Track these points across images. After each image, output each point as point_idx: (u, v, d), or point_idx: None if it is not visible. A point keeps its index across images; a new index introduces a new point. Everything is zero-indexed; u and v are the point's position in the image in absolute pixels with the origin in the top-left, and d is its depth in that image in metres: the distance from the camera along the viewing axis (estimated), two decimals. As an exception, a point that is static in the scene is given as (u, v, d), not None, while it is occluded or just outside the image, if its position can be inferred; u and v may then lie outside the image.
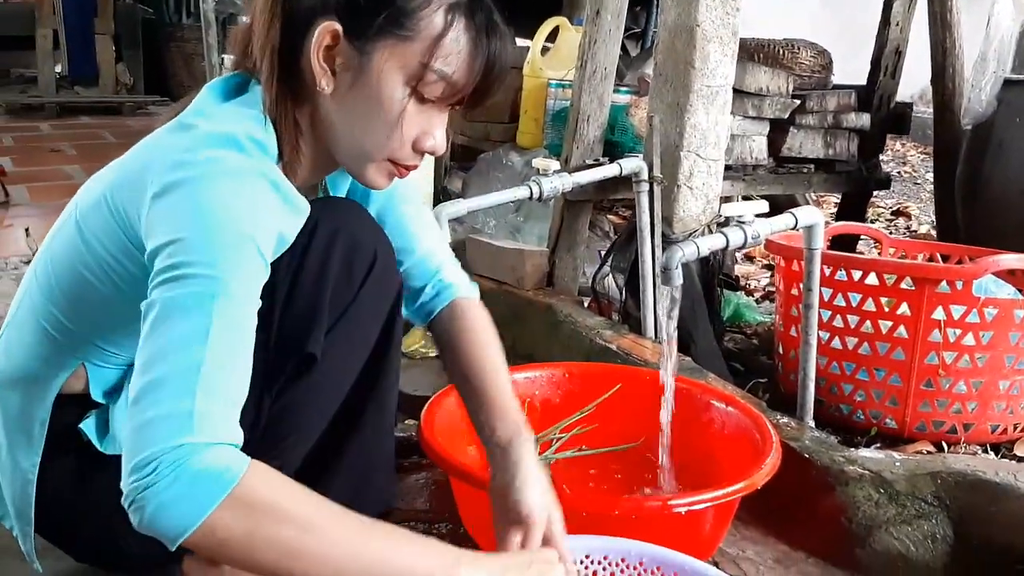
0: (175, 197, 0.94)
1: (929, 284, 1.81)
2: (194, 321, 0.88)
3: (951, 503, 1.44)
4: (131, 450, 0.84)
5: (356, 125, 1.04)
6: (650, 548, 1.16)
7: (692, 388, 1.65)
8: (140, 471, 0.83)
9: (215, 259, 0.91)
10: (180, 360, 0.87)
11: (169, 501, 0.82)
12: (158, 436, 0.84)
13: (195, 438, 0.84)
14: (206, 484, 0.83)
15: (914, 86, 4.84)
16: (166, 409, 0.85)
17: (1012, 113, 2.42)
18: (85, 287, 1.09)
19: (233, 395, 0.90)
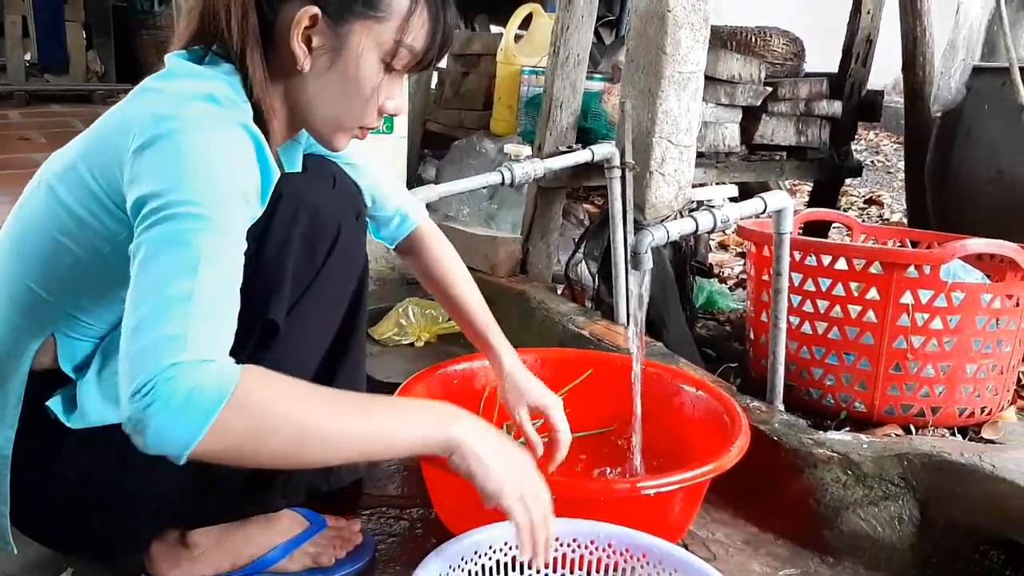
0: (160, 147, 0.96)
1: (897, 269, 1.83)
2: (183, 254, 0.91)
3: (917, 484, 1.46)
4: (128, 378, 0.87)
5: (333, 100, 1.11)
6: (619, 530, 1.17)
7: (662, 373, 1.66)
8: (137, 395, 0.85)
9: (202, 197, 0.93)
10: (171, 291, 0.89)
11: (170, 417, 0.84)
12: (152, 360, 0.86)
13: (189, 356, 0.86)
14: (205, 394, 0.85)
15: (887, 75, 4.87)
16: (158, 335, 0.87)
17: (981, 100, 2.44)
18: (61, 252, 1.08)
19: (224, 322, 0.92)
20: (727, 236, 3.84)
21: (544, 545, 1.05)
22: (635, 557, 1.15)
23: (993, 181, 2.38)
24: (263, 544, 1.31)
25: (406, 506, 1.56)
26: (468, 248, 2.54)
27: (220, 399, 0.86)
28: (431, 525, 1.49)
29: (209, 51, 1.09)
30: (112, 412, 1.10)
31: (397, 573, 1.36)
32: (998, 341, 1.89)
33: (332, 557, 1.34)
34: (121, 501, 1.15)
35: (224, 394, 0.86)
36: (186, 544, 1.27)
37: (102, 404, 1.11)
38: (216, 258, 0.92)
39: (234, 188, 0.98)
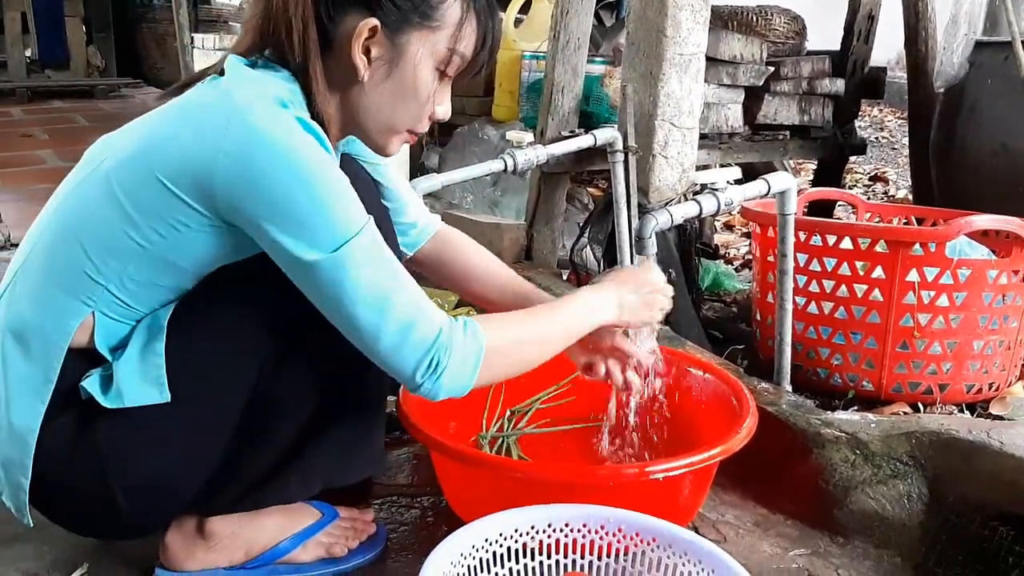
0: (263, 163, 1.03)
1: (903, 247, 1.82)
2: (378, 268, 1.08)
3: (926, 462, 1.46)
4: (404, 364, 1.09)
5: (390, 107, 1.18)
6: (628, 515, 1.17)
7: (669, 356, 1.66)
8: (426, 364, 1.09)
9: (338, 225, 1.05)
10: (389, 296, 1.07)
11: (451, 380, 1.11)
12: (421, 346, 1.09)
13: (437, 321, 1.09)
14: (470, 356, 1.12)
15: (890, 51, 4.84)
16: (419, 329, 1.08)
17: (983, 75, 2.43)
18: (121, 240, 1.10)
19: (406, 276, 1.11)
20: (732, 217, 3.83)
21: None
22: (645, 541, 1.16)
23: (997, 155, 2.37)
24: (277, 535, 1.32)
25: (417, 495, 1.57)
26: (473, 235, 2.52)
27: (479, 355, 1.12)
28: (442, 513, 1.50)
29: (263, 56, 1.15)
30: (152, 393, 1.12)
31: (409, 561, 1.37)
32: (1005, 317, 1.89)
33: (345, 547, 1.35)
34: (149, 480, 1.16)
35: (480, 350, 1.12)
36: (203, 534, 1.28)
37: (141, 385, 1.12)
38: (375, 246, 1.08)
39: (342, 184, 1.07)
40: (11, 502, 1.18)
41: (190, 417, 1.14)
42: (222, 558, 1.29)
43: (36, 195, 3.51)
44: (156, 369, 1.12)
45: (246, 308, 1.15)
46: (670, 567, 1.13)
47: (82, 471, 1.15)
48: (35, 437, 1.13)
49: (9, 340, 1.15)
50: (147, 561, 1.31)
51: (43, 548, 1.36)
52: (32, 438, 1.13)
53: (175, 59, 5.44)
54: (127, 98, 6.51)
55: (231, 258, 1.14)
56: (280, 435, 1.23)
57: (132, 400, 1.12)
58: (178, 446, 1.15)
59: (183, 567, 1.28)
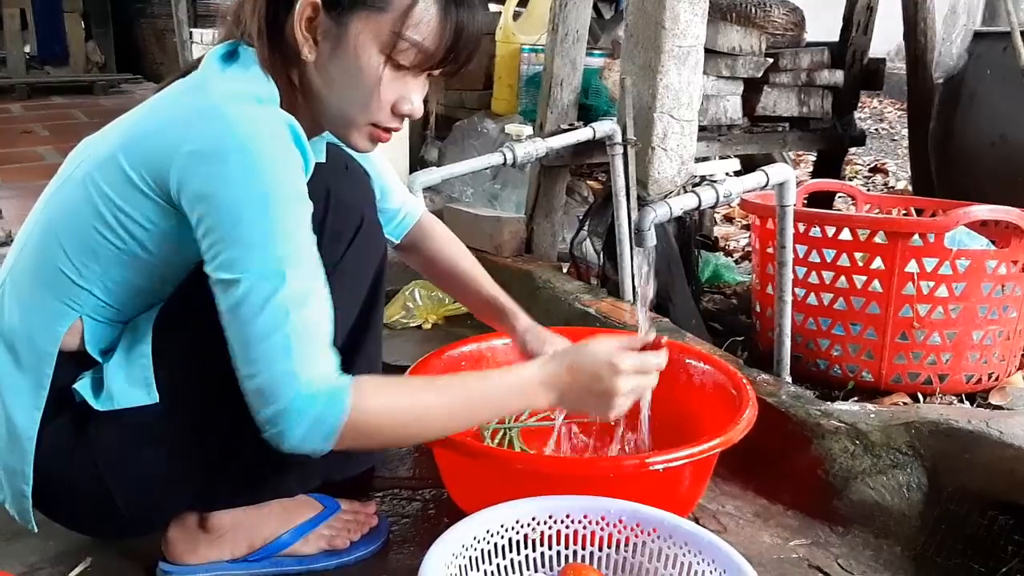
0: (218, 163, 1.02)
1: (902, 238, 1.83)
2: (273, 311, 1.01)
3: (925, 452, 1.46)
4: (255, 407, 1.04)
5: (337, 91, 1.12)
6: (629, 506, 1.18)
7: (668, 348, 1.66)
8: (268, 424, 1.03)
9: (270, 246, 1.02)
10: (271, 341, 1.01)
11: (299, 442, 1.04)
12: (272, 395, 1.02)
13: (302, 388, 1.01)
14: (324, 423, 1.03)
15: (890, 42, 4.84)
16: (271, 374, 1.02)
17: (982, 65, 2.43)
18: (97, 240, 1.11)
19: (322, 341, 1.05)
20: (732, 209, 3.83)
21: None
22: (645, 532, 1.16)
23: (996, 146, 2.38)
24: (278, 528, 1.32)
25: (418, 487, 1.57)
26: (473, 229, 2.55)
27: (336, 424, 1.03)
28: (444, 505, 1.51)
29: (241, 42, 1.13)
30: (140, 394, 1.12)
31: (411, 554, 1.37)
32: (1004, 307, 1.89)
33: (347, 540, 1.36)
34: (145, 481, 1.17)
35: (339, 420, 1.03)
36: (205, 528, 1.29)
37: (129, 387, 1.13)
38: (303, 294, 1.03)
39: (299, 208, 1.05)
40: (15, 509, 1.19)
41: (180, 416, 1.15)
42: (224, 551, 1.30)
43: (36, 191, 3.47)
44: (143, 371, 1.13)
45: None
46: (671, 558, 1.14)
47: (80, 474, 1.16)
48: (33, 444, 1.14)
49: (1, 348, 1.15)
50: (150, 555, 1.31)
51: (47, 543, 1.36)
52: (31, 445, 1.14)
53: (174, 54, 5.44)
54: (127, 94, 6.49)
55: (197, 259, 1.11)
56: None
57: (121, 402, 1.12)
58: (171, 445, 1.16)
59: (185, 561, 1.29)
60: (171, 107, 1.11)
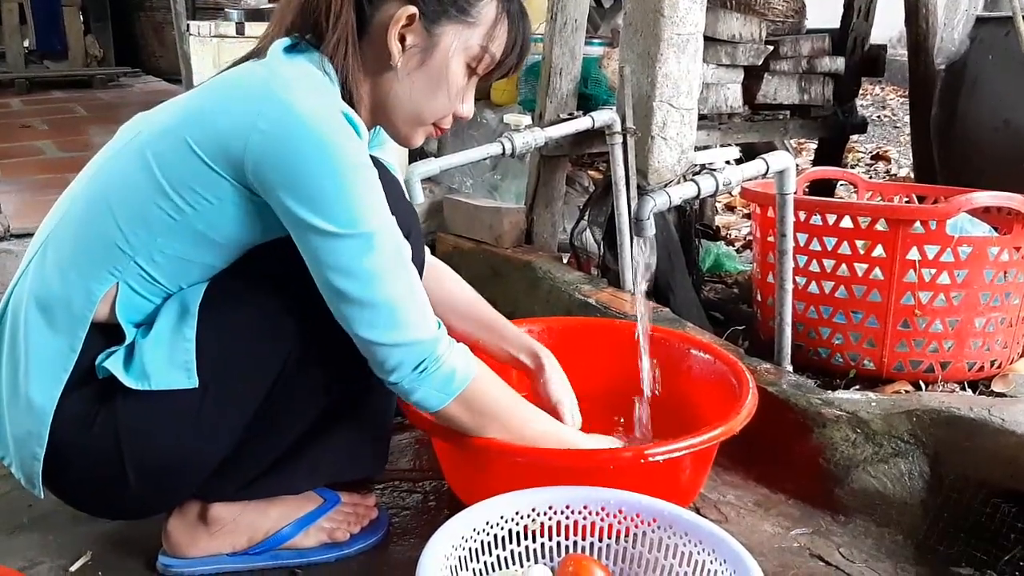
0: (298, 144, 1.06)
1: (903, 225, 1.82)
2: (390, 263, 1.11)
3: (927, 440, 1.46)
4: (391, 363, 1.14)
5: (419, 96, 1.20)
6: (629, 496, 1.17)
7: (669, 338, 1.66)
8: (409, 377, 1.15)
9: (361, 211, 1.08)
10: (399, 296, 1.12)
11: (431, 392, 1.17)
12: (416, 352, 1.14)
13: (438, 350, 1.15)
14: (458, 377, 1.18)
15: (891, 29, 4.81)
16: (414, 335, 1.13)
17: (985, 51, 2.41)
18: (154, 212, 1.12)
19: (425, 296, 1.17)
20: (733, 198, 3.81)
21: None
22: (646, 522, 1.16)
23: (999, 131, 2.36)
24: (279, 521, 1.32)
25: (419, 479, 1.57)
26: (472, 220, 2.54)
27: (465, 381, 1.18)
28: (444, 497, 1.51)
29: (303, 40, 1.18)
30: (180, 377, 1.13)
31: (412, 545, 1.37)
32: (1007, 294, 1.88)
33: (347, 532, 1.36)
34: (164, 463, 1.17)
35: (468, 379, 1.18)
36: (205, 520, 1.28)
37: (169, 369, 1.13)
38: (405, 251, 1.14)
39: (369, 175, 1.10)
40: (22, 473, 1.18)
41: (212, 403, 1.15)
42: (225, 544, 1.30)
43: (36, 186, 3.50)
44: (185, 354, 1.13)
45: (275, 299, 1.16)
46: (671, 548, 1.13)
47: (97, 447, 1.15)
48: (54, 406, 1.13)
49: (33, 310, 1.14)
50: (150, 548, 1.32)
51: (48, 537, 1.37)
52: (51, 407, 1.13)
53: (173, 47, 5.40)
54: (126, 87, 6.48)
55: (261, 237, 1.15)
56: (293, 429, 1.24)
57: (159, 383, 1.13)
58: (197, 431, 1.16)
59: (186, 554, 1.29)
60: (237, 88, 1.14)
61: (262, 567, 1.32)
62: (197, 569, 1.30)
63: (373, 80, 1.20)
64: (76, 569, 1.31)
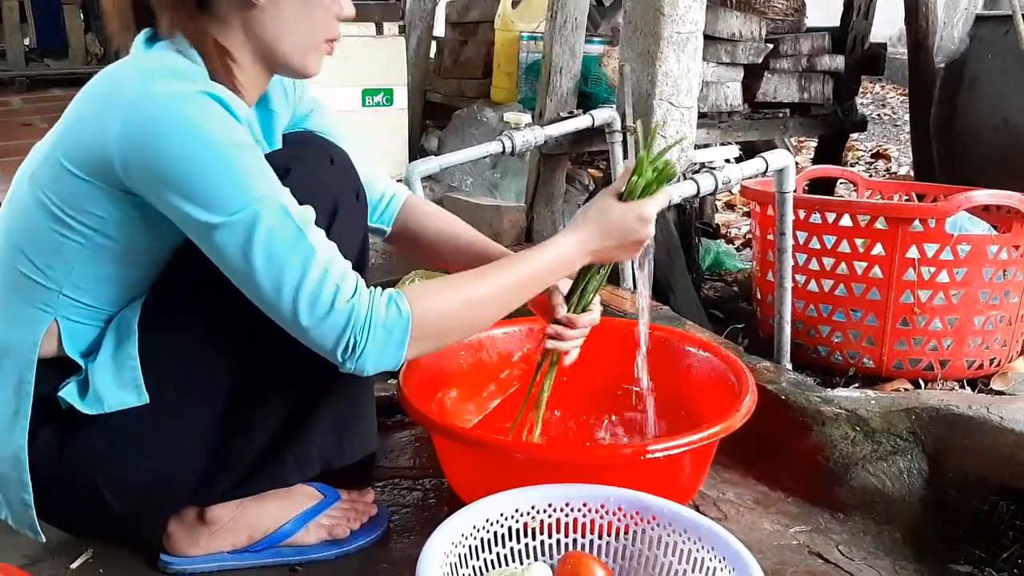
0: (160, 136, 1.00)
1: (902, 223, 1.82)
2: (285, 240, 1.03)
3: (926, 438, 1.46)
4: (325, 343, 1.06)
5: (296, 21, 1.13)
6: (628, 494, 1.18)
7: (668, 336, 1.66)
8: (346, 352, 1.06)
9: (238, 191, 1.02)
10: (299, 268, 1.03)
11: (379, 355, 1.08)
12: (339, 325, 1.05)
13: (363, 311, 1.06)
14: (396, 327, 1.08)
15: (891, 27, 4.81)
16: (329, 306, 1.04)
17: (984, 49, 2.42)
18: (54, 239, 1.09)
19: (339, 254, 1.08)
20: (733, 196, 3.82)
21: None
22: (645, 520, 1.16)
23: (999, 129, 2.36)
24: (279, 518, 1.32)
25: (419, 477, 1.57)
26: (472, 218, 2.53)
27: (406, 327, 1.08)
28: (443, 495, 1.51)
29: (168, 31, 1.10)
30: (131, 396, 1.11)
31: (412, 543, 1.37)
32: (1006, 292, 1.88)
33: (347, 528, 1.35)
34: (139, 484, 1.17)
35: (407, 325, 1.08)
36: (204, 520, 1.28)
37: (119, 389, 1.12)
38: (305, 218, 1.05)
39: (252, 155, 1.04)
40: (18, 522, 1.19)
41: (172, 416, 1.14)
42: (225, 542, 1.30)
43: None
44: (131, 371, 1.11)
45: (214, 302, 1.12)
46: (670, 545, 1.13)
47: (74, 479, 1.15)
48: (25, 453, 1.13)
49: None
50: (151, 547, 1.31)
51: (48, 534, 1.36)
52: (23, 454, 1.13)
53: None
54: (126, 85, 6.47)
55: (172, 240, 1.11)
56: (267, 425, 1.22)
57: (111, 405, 1.11)
58: (164, 445, 1.15)
59: (187, 553, 1.29)
60: (97, 95, 1.09)
61: (262, 564, 1.32)
62: (198, 566, 1.29)
63: (243, 33, 1.12)
64: (77, 567, 1.31)
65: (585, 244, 1.24)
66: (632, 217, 1.25)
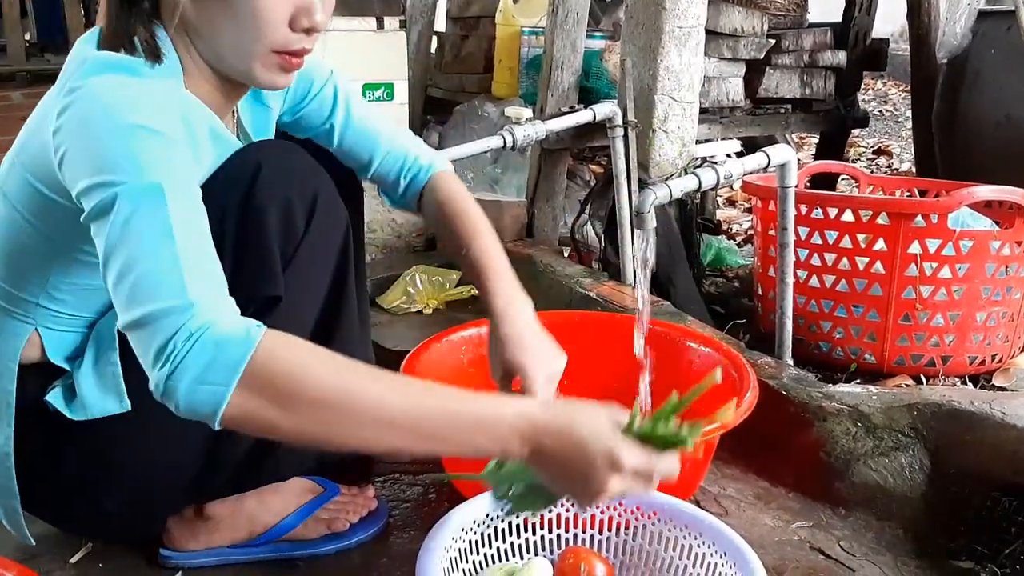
0: (70, 123, 0.95)
1: (904, 219, 1.81)
2: (150, 224, 0.89)
3: (928, 434, 1.46)
4: (144, 347, 0.87)
5: (222, 25, 1.01)
6: (629, 489, 1.17)
7: (670, 331, 1.65)
8: (160, 360, 0.85)
9: (136, 165, 0.91)
10: (156, 261, 0.88)
11: (197, 378, 0.84)
12: (164, 327, 0.85)
13: (200, 318, 0.85)
14: (232, 345, 0.84)
15: (893, 23, 4.80)
16: (163, 303, 0.86)
17: (987, 45, 2.41)
18: (23, 249, 1.09)
19: (218, 278, 0.91)
20: (735, 192, 3.81)
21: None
22: (646, 515, 1.16)
23: (1001, 125, 2.36)
24: (278, 512, 1.32)
25: (419, 472, 1.57)
26: (473, 213, 2.53)
27: (247, 350, 0.84)
28: (444, 490, 1.50)
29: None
30: (113, 403, 1.11)
31: (412, 537, 1.37)
32: (1008, 288, 1.88)
33: (347, 522, 1.35)
34: (132, 487, 1.17)
35: (250, 345, 0.84)
36: (202, 516, 1.28)
37: (102, 396, 1.11)
38: (183, 217, 0.91)
39: (156, 138, 0.93)
40: (10, 525, 1.20)
41: (159, 419, 1.10)
42: (225, 537, 1.30)
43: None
44: (114, 378, 1.11)
45: None
46: (671, 540, 1.13)
47: (65, 482, 1.16)
48: (12, 460, 1.13)
49: None
50: (151, 542, 1.31)
51: (47, 529, 1.36)
52: (9, 461, 1.13)
53: (174, 40, 5.40)
54: (127, 81, 6.47)
55: None
56: None
57: (95, 412, 1.11)
58: (153, 449, 1.14)
59: (186, 548, 1.29)
60: (46, 100, 1.06)
61: (262, 558, 1.31)
62: (198, 561, 1.29)
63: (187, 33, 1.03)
64: (76, 561, 1.31)
65: (530, 431, 0.89)
66: (604, 446, 0.89)
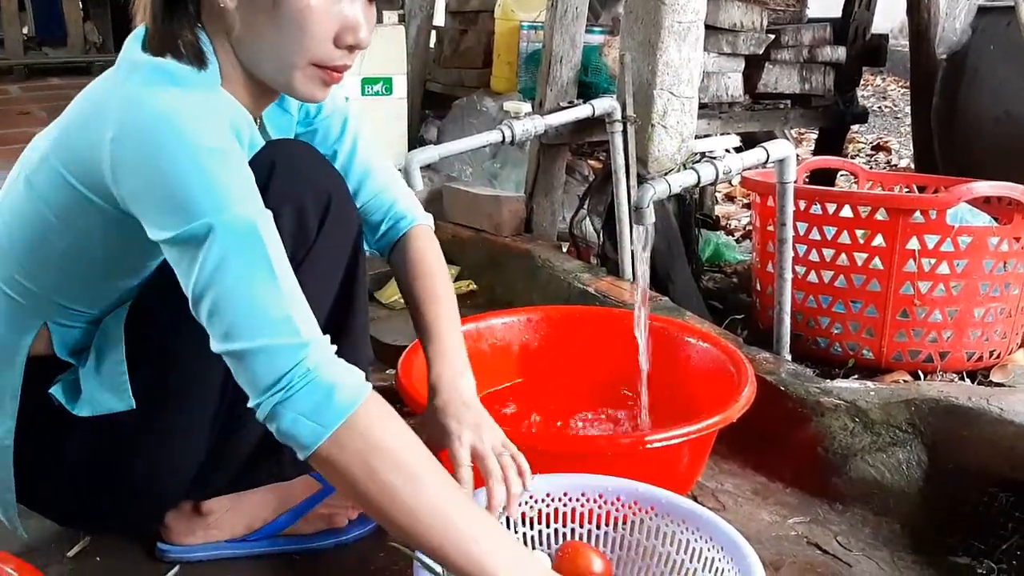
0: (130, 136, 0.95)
1: (903, 215, 1.81)
2: (251, 260, 0.93)
3: (925, 430, 1.46)
4: (252, 375, 0.93)
5: (266, 33, 1.01)
6: (626, 483, 1.17)
7: (668, 326, 1.66)
8: (272, 389, 0.92)
9: (222, 195, 0.94)
10: (260, 296, 0.93)
11: (304, 412, 0.91)
12: (280, 361, 0.92)
13: (314, 356, 0.92)
14: (344, 391, 0.92)
15: (893, 18, 4.79)
16: (275, 339, 0.92)
17: (987, 41, 2.41)
18: (45, 245, 1.08)
19: (310, 312, 0.96)
20: (733, 187, 3.81)
21: None
22: (643, 509, 1.16)
23: (1000, 122, 2.36)
24: (276, 508, 1.32)
25: (417, 466, 1.57)
26: (472, 208, 2.54)
27: (354, 403, 0.92)
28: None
29: None
30: (115, 402, 1.11)
31: (410, 532, 1.37)
32: (1006, 284, 1.88)
33: (345, 518, 1.35)
34: (132, 483, 1.16)
35: (357, 399, 0.92)
36: (200, 511, 1.28)
37: (105, 394, 1.11)
38: (278, 246, 0.96)
39: (231, 161, 0.96)
40: (4, 518, 1.21)
41: (162, 418, 1.13)
42: (224, 532, 1.30)
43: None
44: (118, 377, 1.11)
45: None
46: (669, 535, 1.13)
47: (65, 476, 1.16)
48: (11, 453, 1.13)
49: None
50: (148, 536, 1.31)
51: (44, 523, 1.36)
52: (9, 454, 1.13)
53: (172, 34, 5.39)
54: (125, 74, 6.45)
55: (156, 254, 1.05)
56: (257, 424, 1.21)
57: (98, 409, 1.11)
58: (155, 447, 1.14)
59: (184, 542, 1.29)
60: (92, 99, 1.06)
61: (261, 553, 1.31)
62: (196, 555, 1.29)
63: (229, 38, 1.03)
64: (74, 554, 1.31)
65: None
66: None
